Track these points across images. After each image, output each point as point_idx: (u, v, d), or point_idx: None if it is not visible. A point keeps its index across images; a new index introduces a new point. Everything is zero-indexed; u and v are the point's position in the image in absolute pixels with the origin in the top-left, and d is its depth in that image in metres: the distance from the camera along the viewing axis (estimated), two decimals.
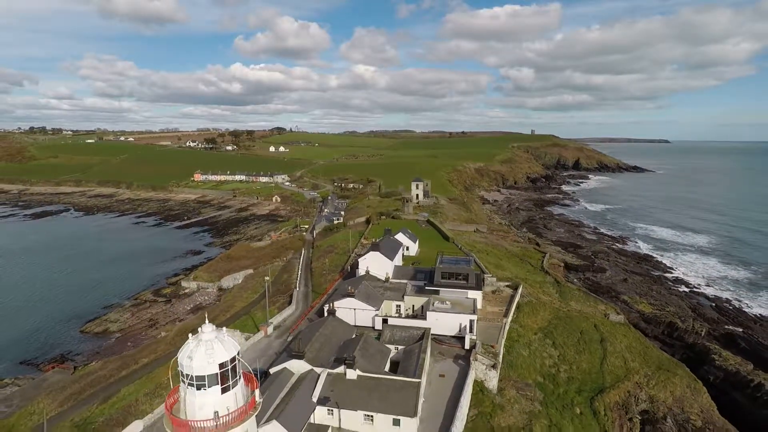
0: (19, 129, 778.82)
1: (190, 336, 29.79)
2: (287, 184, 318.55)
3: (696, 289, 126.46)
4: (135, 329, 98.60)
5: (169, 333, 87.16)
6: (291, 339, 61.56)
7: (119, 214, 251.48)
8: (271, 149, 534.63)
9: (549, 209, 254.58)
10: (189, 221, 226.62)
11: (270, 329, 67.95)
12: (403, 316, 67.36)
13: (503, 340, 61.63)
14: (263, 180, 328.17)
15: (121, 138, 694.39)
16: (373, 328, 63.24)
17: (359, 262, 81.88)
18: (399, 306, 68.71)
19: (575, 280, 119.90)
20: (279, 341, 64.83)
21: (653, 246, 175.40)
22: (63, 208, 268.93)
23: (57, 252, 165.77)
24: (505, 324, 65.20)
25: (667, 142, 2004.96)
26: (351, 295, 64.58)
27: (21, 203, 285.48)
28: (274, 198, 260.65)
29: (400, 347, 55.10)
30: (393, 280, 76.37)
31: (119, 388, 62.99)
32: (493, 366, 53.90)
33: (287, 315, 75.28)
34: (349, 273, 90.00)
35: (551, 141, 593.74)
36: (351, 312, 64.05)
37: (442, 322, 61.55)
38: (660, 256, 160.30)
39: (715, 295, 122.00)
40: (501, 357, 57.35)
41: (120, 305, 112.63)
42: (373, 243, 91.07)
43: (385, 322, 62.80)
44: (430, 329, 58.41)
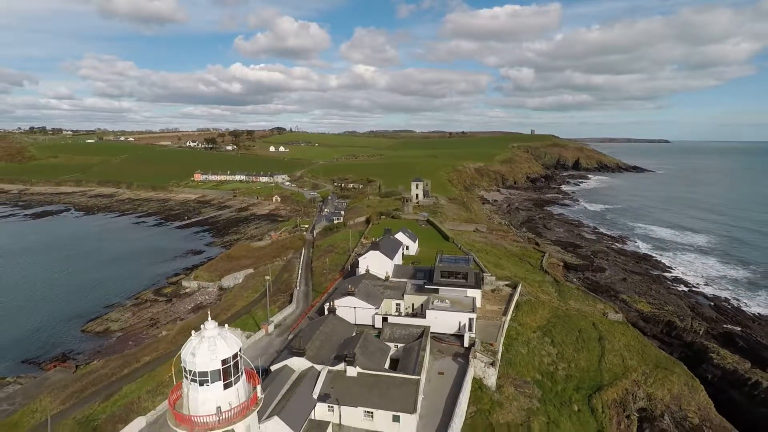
0: (19, 129, 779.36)
1: (193, 333, 30.26)
2: (287, 184, 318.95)
3: (695, 289, 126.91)
4: (136, 328, 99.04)
5: (170, 332, 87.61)
6: (292, 337, 61.99)
7: (119, 214, 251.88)
8: (271, 149, 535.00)
9: (548, 209, 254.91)
10: (189, 221, 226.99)
11: (271, 328, 68.38)
12: (403, 314, 67.74)
13: (502, 338, 62.04)
14: (263, 180, 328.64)
15: (121, 138, 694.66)
16: (373, 326, 63.59)
17: (359, 261, 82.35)
18: (399, 304, 69.18)
19: (574, 279, 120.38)
20: (280, 339, 65.27)
21: (652, 245, 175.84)
22: (63, 208, 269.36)
23: (57, 252, 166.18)
24: (504, 322, 65.62)
25: (667, 142, 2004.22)
26: (351, 294, 64.98)
27: (21, 203, 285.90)
28: (274, 198, 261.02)
29: (399, 345, 55.57)
30: (393, 279, 76.81)
31: (121, 386, 63.36)
32: (492, 364, 54.32)
33: (288, 314, 75.71)
34: (350, 272, 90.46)
35: (551, 141, 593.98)
36: (351, 310, 64.47)
37: (441, 320, 61.91)
38: (659, 255, 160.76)
39: (714, 295, 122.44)
40: (500, 355, 57.72)
41: (121, 305, 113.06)
42: (373, 242, 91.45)
43: (385, 320, 63.16)
44: (429, 327, 58.84)
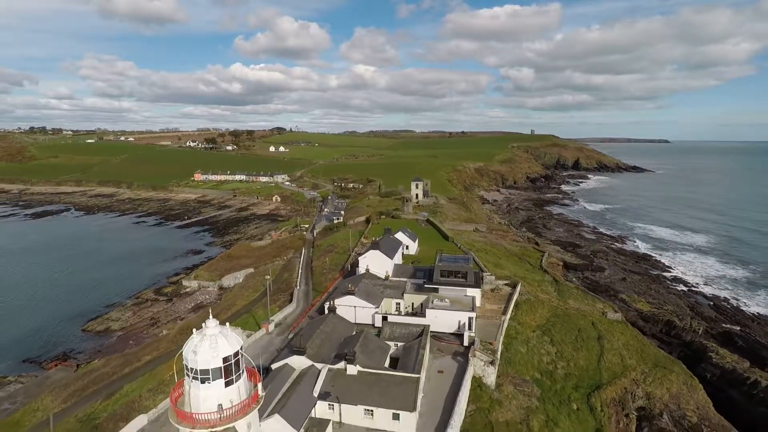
0: (19, 129, 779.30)
1: (194, 331, 30.49)
2: (287, 183, 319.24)
3: (694, 288, 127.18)
4: (136, 328, 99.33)
5: (171, 331, 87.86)
6: (292, 336, 62.26)
7: (120, 213, 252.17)
8: (271, 149, 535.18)
9: (548, 209, 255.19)
10: (189, 221, 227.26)
11: (271, 327, 68.59)
12: (403, 313, 67.97)
13: (501, 337, 62.24)
14: (263, 180, 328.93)
15: (122, 138, 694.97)
16: (373, 325, 63.78)
17: (359, 260, 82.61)
18: (399, 303, 69.43)
19: (574, 279, 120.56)
20: (280, 338, 65.50)
21: (652, 245, 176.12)
22: (63, 207, 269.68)
23: (58, 252, 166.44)
24: (504, 321, 65.85)
25: (667, 142, 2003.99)
26: (351, 293, 65.21)
27: (21, 203, 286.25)
28: (274, 198, 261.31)
29: (399, 344, 55.77)
30: (393, 278, 77.04)
31: (122, 384, 63.63)
32: (492, 362, 54.57)
33: (288, 313, 75.96)
34: (350, 271, 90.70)
35: (551, 141, 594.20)
36: (351, 309, 64.66)
37: (441, 319, 62.09)
38: (659, 255, 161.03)
39: (713, 294, 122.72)
40: (499, 354, 57.95)
41: (121, 304, 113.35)
42: (373, 242, 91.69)
43: (385, 319, 63.37)
44: (429, 326, 59.04)
